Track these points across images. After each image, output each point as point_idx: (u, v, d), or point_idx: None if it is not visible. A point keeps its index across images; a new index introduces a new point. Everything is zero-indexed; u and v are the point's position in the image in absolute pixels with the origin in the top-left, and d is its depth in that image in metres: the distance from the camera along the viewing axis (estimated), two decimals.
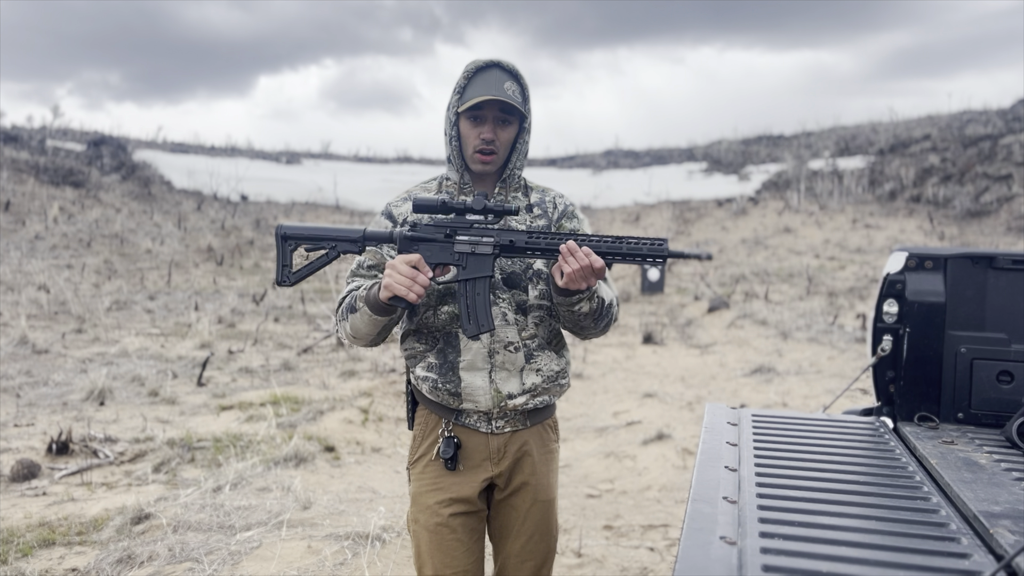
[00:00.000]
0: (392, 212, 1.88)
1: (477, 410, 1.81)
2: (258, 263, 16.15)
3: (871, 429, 1.85)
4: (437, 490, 1.83)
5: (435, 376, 1.81)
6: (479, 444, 1.83)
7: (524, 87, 1.81)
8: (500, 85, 1.75)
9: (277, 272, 1.77)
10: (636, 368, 8.00)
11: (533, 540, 1.89)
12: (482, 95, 1.72)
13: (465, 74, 1.79)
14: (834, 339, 9.15)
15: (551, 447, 1.93)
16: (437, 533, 1.82)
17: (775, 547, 1.10)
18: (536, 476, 1.88)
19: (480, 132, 1.78)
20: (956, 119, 24.07)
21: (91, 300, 11.25)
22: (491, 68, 1.78)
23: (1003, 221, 15.83)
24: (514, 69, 1.79)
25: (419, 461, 1.89)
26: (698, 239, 18.37)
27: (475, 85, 1.76)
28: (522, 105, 1.78)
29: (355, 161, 30.00)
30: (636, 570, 3.26)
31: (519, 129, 1.85)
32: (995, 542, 1.15)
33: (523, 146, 1.86)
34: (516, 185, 1.90)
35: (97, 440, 4.84)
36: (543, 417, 1.91)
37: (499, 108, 1.76)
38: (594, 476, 4.66)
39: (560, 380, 1.88)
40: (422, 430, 1.89)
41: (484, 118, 1.77)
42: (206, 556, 3.15)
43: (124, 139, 24.94)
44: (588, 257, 1.59)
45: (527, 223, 1.85)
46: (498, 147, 1.80)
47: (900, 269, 2.05)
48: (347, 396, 6.14)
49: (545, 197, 1.92)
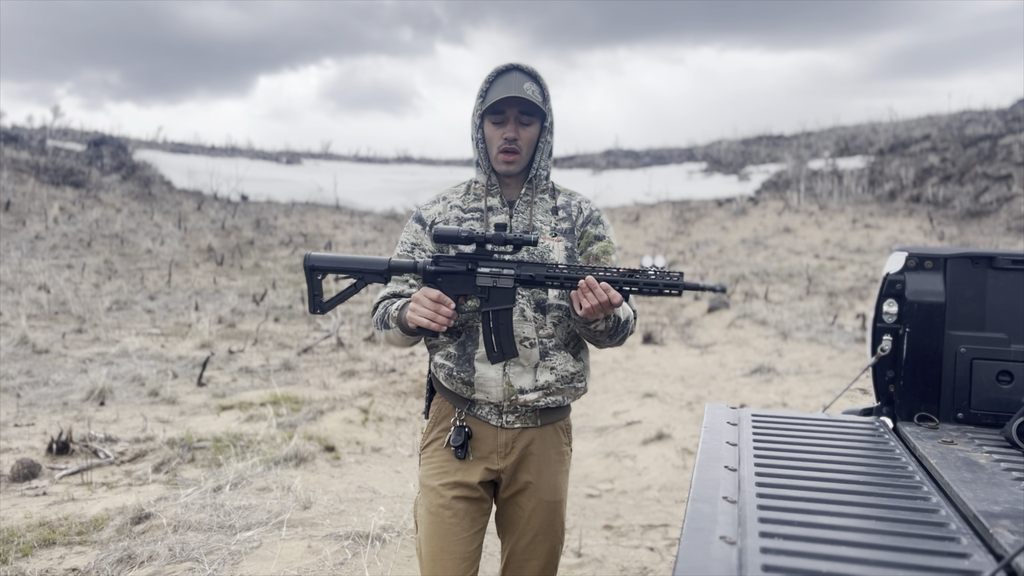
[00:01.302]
0: (423, 216, 1.95)
1: (488, 401, 1.86)
2: (258, 263, 16.15)
3: (871, 429, 1.85)
4: (443, 473, 1.89)
5: (452, 365, 1.87)
6: (488, 436, 1.89)
7: (544, 88, 1.89)
8: (520, 86, 1.83)
9: (309, 302, 1.84)
10: (636, 368, 8.00)
11: (537, 539, 1.93)
12: (502, 95, 1.81)
13: (487, 79, 1.88)
14: (834, 339, 9.15)
15: (562, 449, 1.96)
16: (438, 515, 1.87)
17: (775, 547, 1.10)
18: (542, 476, 1.91)
19: (503, 132, 1.86)
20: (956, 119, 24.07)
21: (91, 300, 11.25)
22: (511, 71, 1.87)
23: (1003, 221, 15.83)
24: (533, 71, 1.88)
25: (430, 446, 1.95)
26: (698, 239, 18.37)
27: (496, 88, 1.85)
28: (542, 104, 1.86)
29: (355, 161, 29.99)
30: (636, 570, 3.26)
31: (541, 129, 1.91)
32: (995, 542, 1.15)
33: (546, 145, 1.92)
34: (543, 187, 1.95)
35: (97, 440, 4.84)
36: (555, 418, 1.93)
37: (519, 108, 1.85)
38: (594, 476, 4.66)
39: (576, 383, 1.91)
40: (436, 417, 1.96)
41: (506, 119, 1.86)
42: (206, 556, 3.15)
43: (124, 139, 24.93)
44: (607, 293, 1.65)
45: (552, 225, 1.90)
46: (520, 146, 1.86)
47: (900, 269, 2.05)
48: (347, 396, 6.15)
49: (571, 201, 1.97)
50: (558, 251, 1.89)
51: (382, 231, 20.10)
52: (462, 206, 1.94)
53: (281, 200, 22.02)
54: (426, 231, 1.93)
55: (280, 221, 19.91)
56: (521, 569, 1.95)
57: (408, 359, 7.86)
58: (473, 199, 1.95)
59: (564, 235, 1.91)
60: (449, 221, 1.91)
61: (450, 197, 1.97)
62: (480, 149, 1.91)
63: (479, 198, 1.94)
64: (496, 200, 1.92)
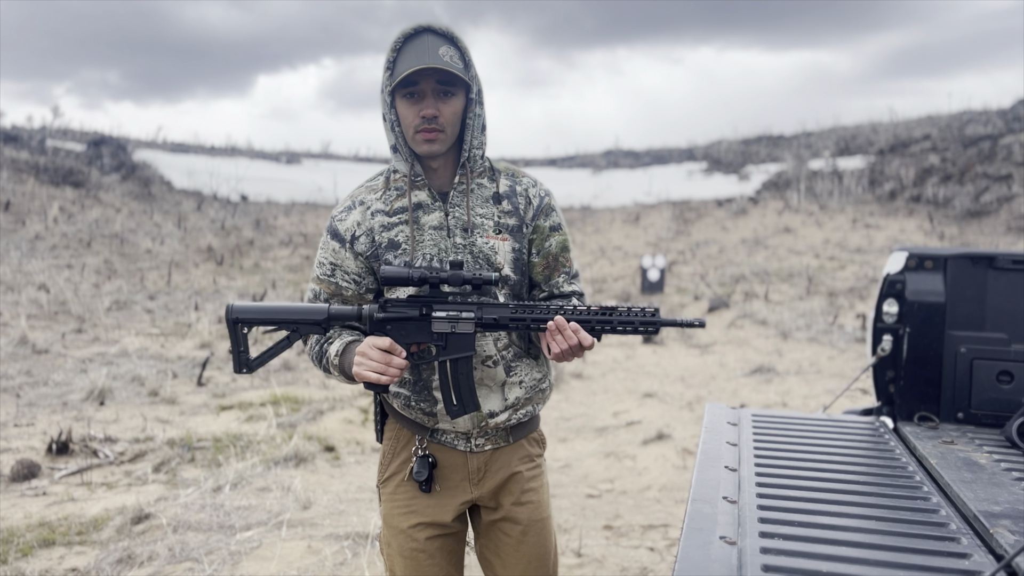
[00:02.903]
0: (338, 230, 1.64)
1: (455, 430, 1.65)
2: (258, 263, 16.15)
3: (871, 429, 1.85)
4: (411, 513, 1.68)
5: (408, 393, 1.65)
6: (457, 464, 1.67)
7: (463, 51, 1.56)
8: (434, 52, 1.50)
9: (234, 360, 1.57)
10: (636, 368, 8.00)
11: (532, 566, 1.72)
12: (413, 66, 1.49)
13: (393, 47, 1.54)
14: (834, 339, 9.15)
15: (537, 462, 1.77)
16: (413, 559, 1.67)
17: (775, 547, 1.10)
18: (526, 495, 1.71)
19: (420, 109, 1.53)
20: (956, 119, 24.06)
21: (91, 300, 11.24)
22: (421, 34, 1.53)
23: (1003, 221, 15.83)
24: (449, 32, 1.55)
25: (390, 480, 1.71)
26: (698, 239, 18.37)
27: (406, 57, 1.51)
28: (463, 72, 1.54)
29: (355, 161, 29.99)
30: (636, 570, 3.25)
31: (468, 102, 1.60)
32: (995, 542, 1.15)
33: (475, 120, 1.60)
34: (480, 169, 1.66)
35: (97, 440, 4.84)
36: (527, 431, 1.74)
37: (436, 79, 1.52)
38: (594, 476, 4.66)
39: (542, 386, 1.72)
40: (392, 446, 1.72)
41: (422, 93, 1.53)
42: (206, 556, 3.15)
43: (124, 139, 24.92)
44: (577, 334, 1.48)
45: (495, 219, 1.63)
46: (442, 123, 1.54)
47: (900, 269, 2.05)
48: (347, 396, 6.15)
49: (516, 186, 1.67)
50: (504, 252, 1.62)
51: None
52: (384, 208, 1.62)
53: (281, 200, 22.02)
54: (345, 248, 1.63)
55: (280, 221, 19.92)
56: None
57: None
58: (396, 195, 1.63)
59: (511, 233, 1.64)
60: (373, 230, 1.61)
61: (367, 200, 1.64)
62: (396, 132, 1.58)
63: (402, 193, 1.62)
64: (424, 194, 1.61)
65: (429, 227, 1.60)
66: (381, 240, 1.61)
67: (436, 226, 1.60)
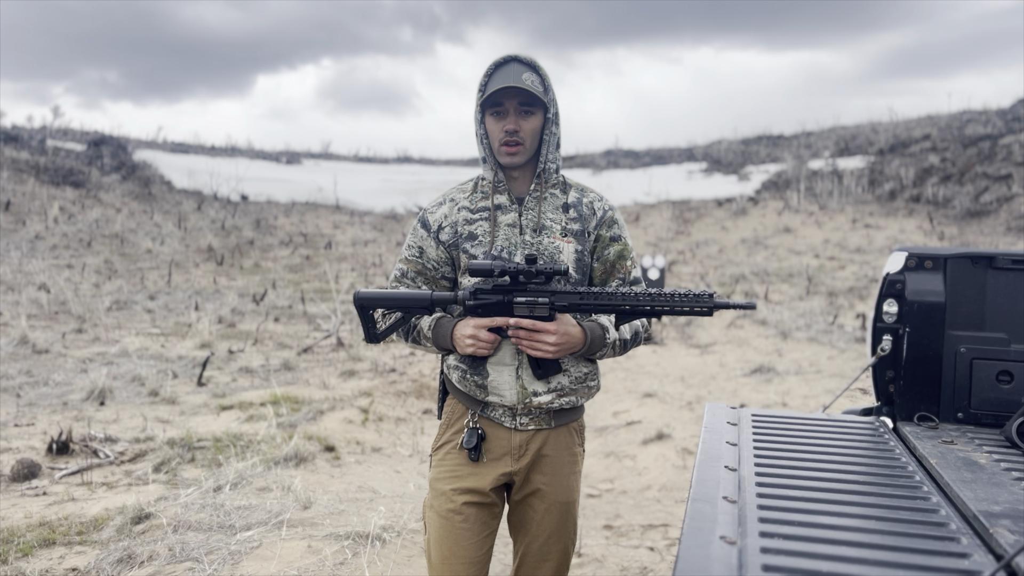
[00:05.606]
0: (428, 220, 1.93)
1: (502, 404, 1.86)
2: (258, 263, 16.15)
3: (871, 429, 1.85)
4: (454, 477, 1.88)
5: (465, 367, 1.88)
6: (502, 438, 1.88)
7: (544, 78, 1.85)
8: (518, 76, 1.80)
9: (365, 333, 1.91)
10: (636, 368, 8.00)
11: (551, 541, 1.93)
12: (499, 86, 1.78)
13: (486, 72, 1.85)
14: (834, 339, 9.15)
15: (575, 450, 1.96)
16: (448, 519, 1.86)
17: (775, 547, 1.10)
18: (555, 478, 1.90)
19: (503, 125, 1.82)
20: (956, 119, 24.05)
21: (91, 300, 11.25)
22: (509, 63, 1.84)
23: (1003, 221, 15.83)
24: (532, 61, 1.84)
25: (442, 448, 1.94)
26: (698, 239, 18.38)
27: (495, 80, 1.81)
28: (543, 95, 1.82)
29: (355, 161, 29.98)
30: (636, 570, 3.26)
31: (545, 121, 1.87)
32: (995, 542, 1.15)
33: (552, 137, 1.88)
34: (553, 181, 1.92)
35: (97, 440, 4.84)
36: (569, 419, 1.93)
37: (519, 99, 1.81)
38: (594, 476, 4.66)
39: (588, 382, 1.91)
40: (448, 418, 1.95)
41: (506, 111, 1.82)
42: (206, 556, 3.15)
43: (124, 139, 24.92)
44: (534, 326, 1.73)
45: (562, 224, 1.88)
46: (522, 138, 1.83)
47: (900, 269, 2.05)
48: (347, 396, 6.15)
49: (583, 198, 1.94)
50: (567, 252, 1.87)
51: (382, 231, 20.10)
52: (469, 206, 1.91)
53: (281, 200, 22.02)
54: (431, 236, 1.91)
55: (280, 221, 19.92)
56: (535, 570, 1.94)
57: (408, 359, 7.86)
58: (480, 197, 1.91)
59: (575, 236, 1.89)
60: (457, 223, 1.89)
61: (456, 198, 1.94)
62: (484, 145, 1.88)
63: (486, 196, 1.91)
64: (504, 197, 1.89)
65: (504, 224, 1.87)
66: (463, 232, 1.89)
67: (511, 224, 1.87)
